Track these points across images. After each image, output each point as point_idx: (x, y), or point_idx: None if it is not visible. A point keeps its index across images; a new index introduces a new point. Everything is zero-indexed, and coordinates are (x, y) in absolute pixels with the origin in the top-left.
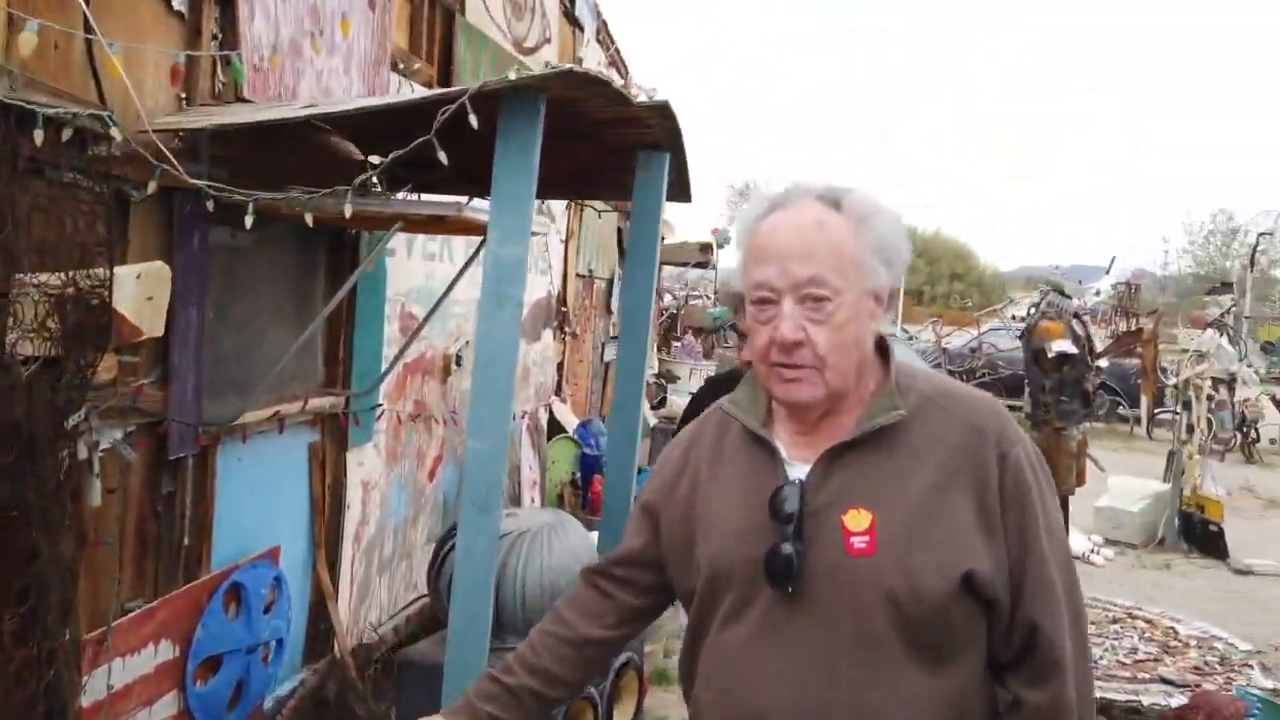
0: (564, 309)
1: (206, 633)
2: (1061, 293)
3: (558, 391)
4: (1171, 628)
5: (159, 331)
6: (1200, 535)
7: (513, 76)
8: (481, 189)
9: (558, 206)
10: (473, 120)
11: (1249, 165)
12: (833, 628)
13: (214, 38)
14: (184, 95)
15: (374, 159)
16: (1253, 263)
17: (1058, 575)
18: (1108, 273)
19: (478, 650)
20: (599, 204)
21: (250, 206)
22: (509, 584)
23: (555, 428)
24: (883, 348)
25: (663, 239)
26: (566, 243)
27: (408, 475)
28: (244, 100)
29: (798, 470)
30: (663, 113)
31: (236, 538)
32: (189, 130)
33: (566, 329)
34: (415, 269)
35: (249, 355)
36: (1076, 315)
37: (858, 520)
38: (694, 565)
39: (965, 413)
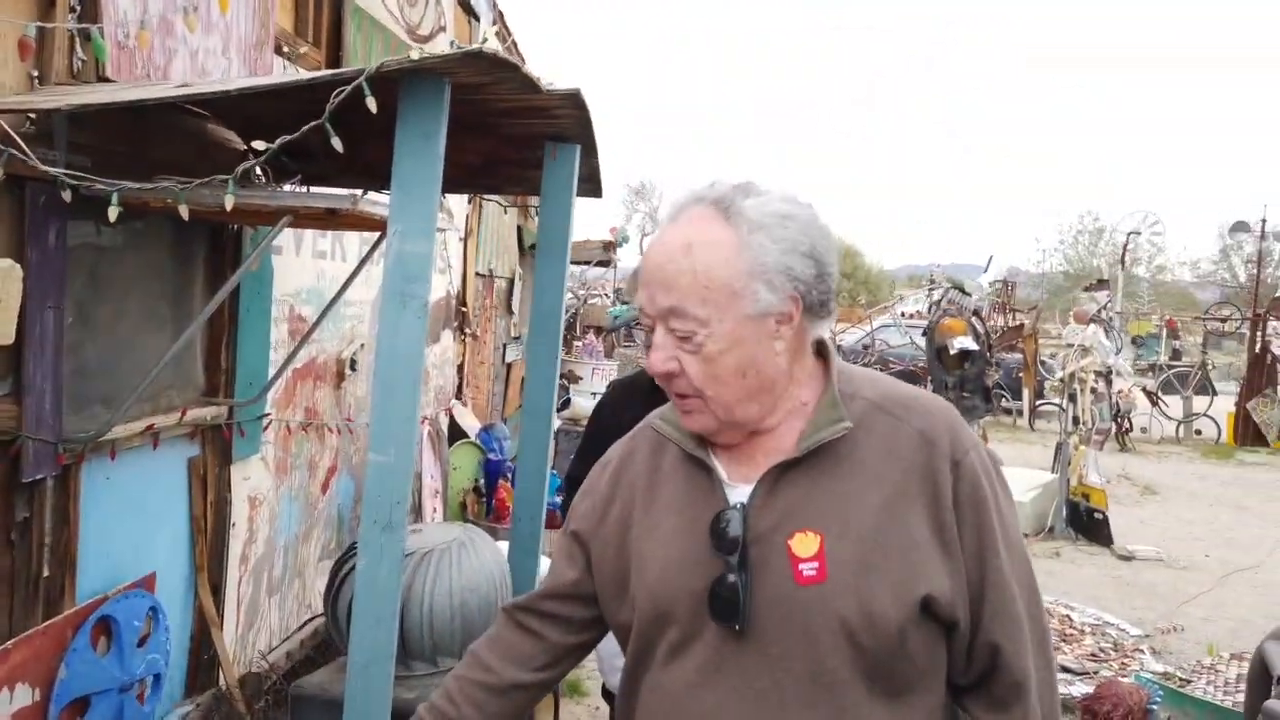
0: (464, 309)
1: (72, 673)
2: (962, 290)
3: (458, 395)
4: (1067, 615)
5: (8, 338)
6: (1086, 523)
7: (415, 56)
8: (377, 182)
9: (457, 204)
10: (371, 104)
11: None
12: (784, 666)
13: (71, 10)
14: (36, 74)
15: (258, 145)
16: (1124, 261)
17: (1019, 593)
18: (985, 271)
19: (381, 681)
20: (502, 199)
21: (114, 198)
22: (415, 607)
23: (457, 433)
24: (823, 353)
25: None
26: (466, 241)
27: (299, 488)
28: (107, 80)
29: (739, 492)
30: (573, 102)
31: (105, 566)
32: (41, 112)
33: (467, 330)
34: (305, 268)
35: (117, 364)
36: (976, 313)
37: (805, 545)
38: (630, 599)
39: (915, 420)
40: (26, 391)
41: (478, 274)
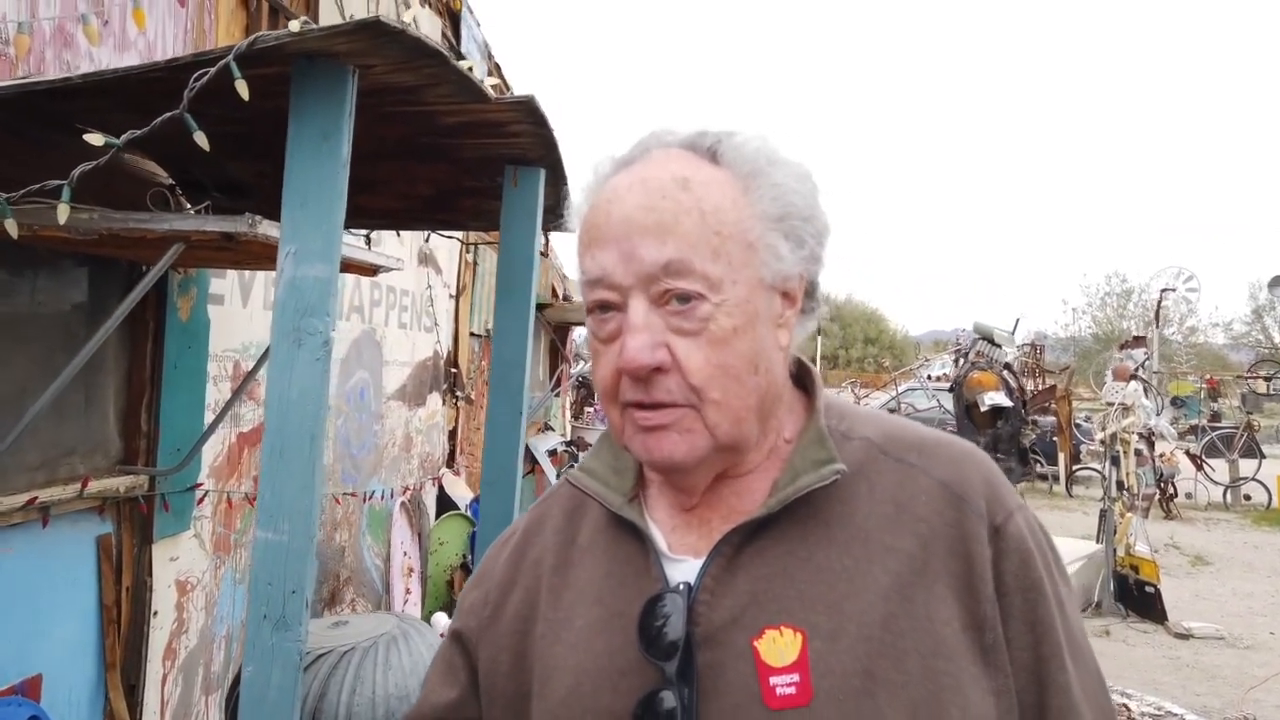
0: (454, 370)
1: None
2: (991, 341)
3: (449, 463)
4: (1123, 704)
5: None
6: (1137, 598)
7: (296, 27)
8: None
9: (446, 258)
10: (241, 88)
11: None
12: None
13: None
14: None
15: (159, 171)
16: (1157, 318)
17: (1089, 714)
18: (1012, 334)
19: None
20: (459, 234)
21: None
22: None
23: (447, 504)
24: (804, 379)
25: (563, 295)
26: (458, 298)
27: (246, 570)
28: None
29: (684, 569)
30: (528, 113)
31: None
32: None
33: (459, 393)
34: (254, 320)
35: None
36: (1007, 366)
37: (780, 648)
38: None
39: (936, 468)
40: None
41: (473, 334)
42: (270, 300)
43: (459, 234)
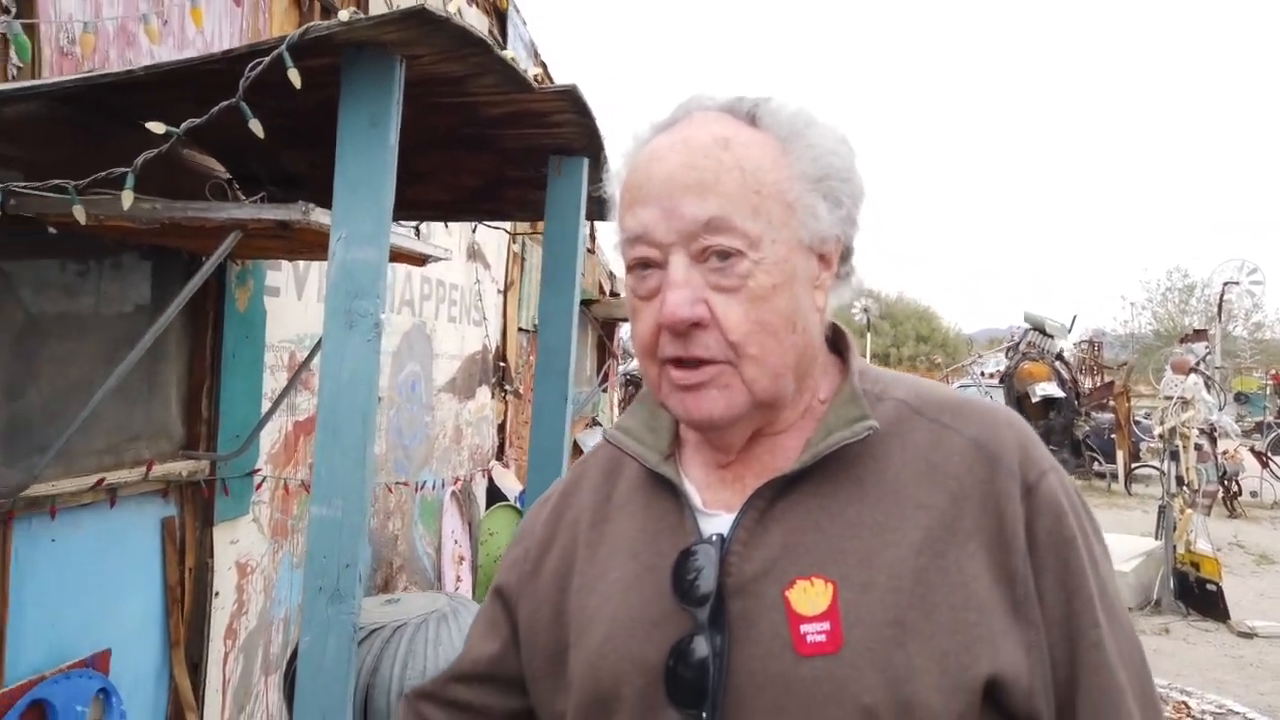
0: (503, 364)
1: None
2: (1043, 331)
3: (499, 456)
4: (1183, 703)
5: None
6: (1198, 596)
7: (346, 17)
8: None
9: (494, 254)
10: (293, 77)
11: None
12: None
13: (4, 10)
14: None
15: (216, 166)
16: (1220, 312)
17: (1127, 679)
18: (1069, 331)
19: None
20: (506, 226)
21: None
22: (381, 695)
23: (496, 495)
24: (838, 343)
25: (610, 292)
26: (506, 293)
27: (302, 554)
28: None
29: (718, 523)
30: (571, 103)
31: (46, 641)
32: None
33: (508, 387)
34: (309, 313)
35: (64, 411)
36: (1060, 356)
37: (811, 597)
38: (566, 680)
39: (968, 428)
40: None
41: (520, 329)
42: (324, 293)
43: (506, 226)
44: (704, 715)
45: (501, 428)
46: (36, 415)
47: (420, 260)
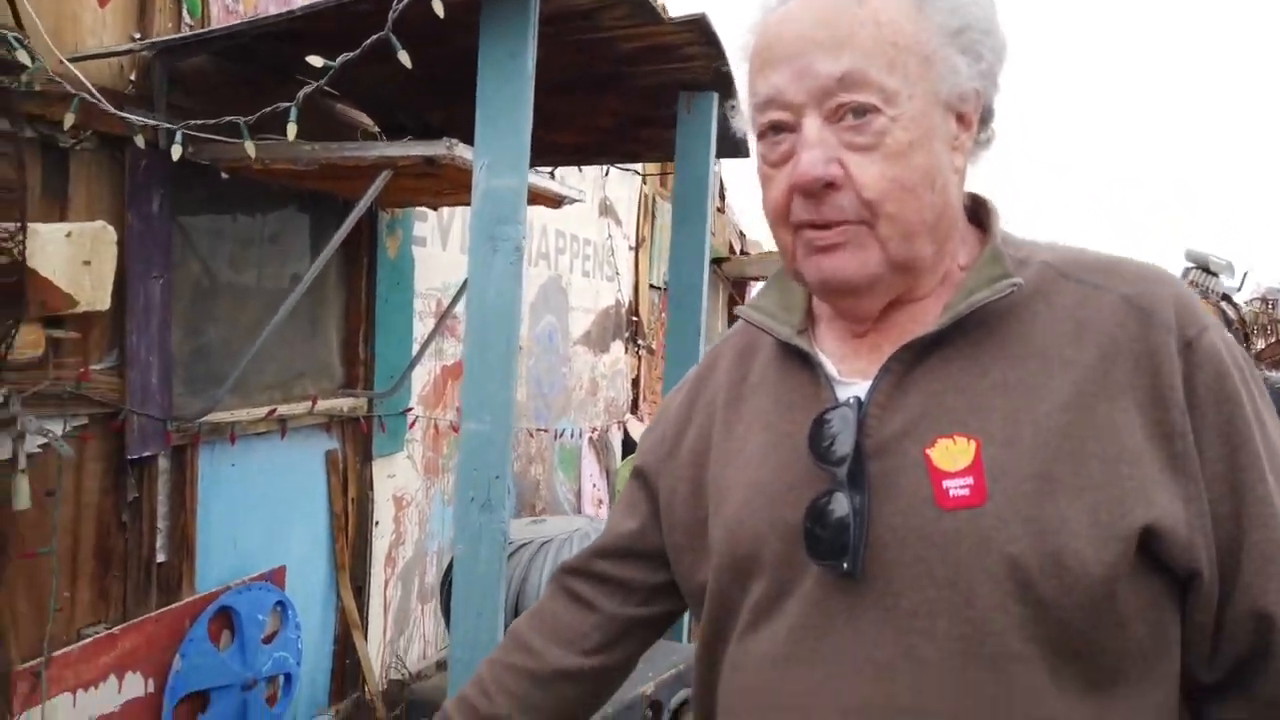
0: (635, 319)
1: (188, 664)
2: (1207, 269)
3: (634, 410)
4: None
5: (102, 304)
6: None
7: None
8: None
9: (625, 210)
10: (437, 7)
11: None
12: (919, 627)
13: None
14: (139, 35)
15: (365, 119)
16: None
17: None
18: (1239, 290)
19: None
20: (637, 168)
21: (177, 136)
22: (530, 601)
23: (631, 448)
24: (979, 212)
25: (740, 250)
26: (637, 250)
27: (453, 491)
28: None
29: (853, 390)
30: (700, 33)
31: (228, 556)
32: (140, 72)
33: (640, 342)
34: (453, 263)
35: (239, 346)
36: (1226, 297)
37: (953, 454)
38: (707, 550)
39: (1120, 285)
40: (130, 365)
41: (652, 286)
42: (466, 245)
43: (637, 169)
44: (845, 565)
45: (635, 383)
46: (215, 351)
47: (556, 202)
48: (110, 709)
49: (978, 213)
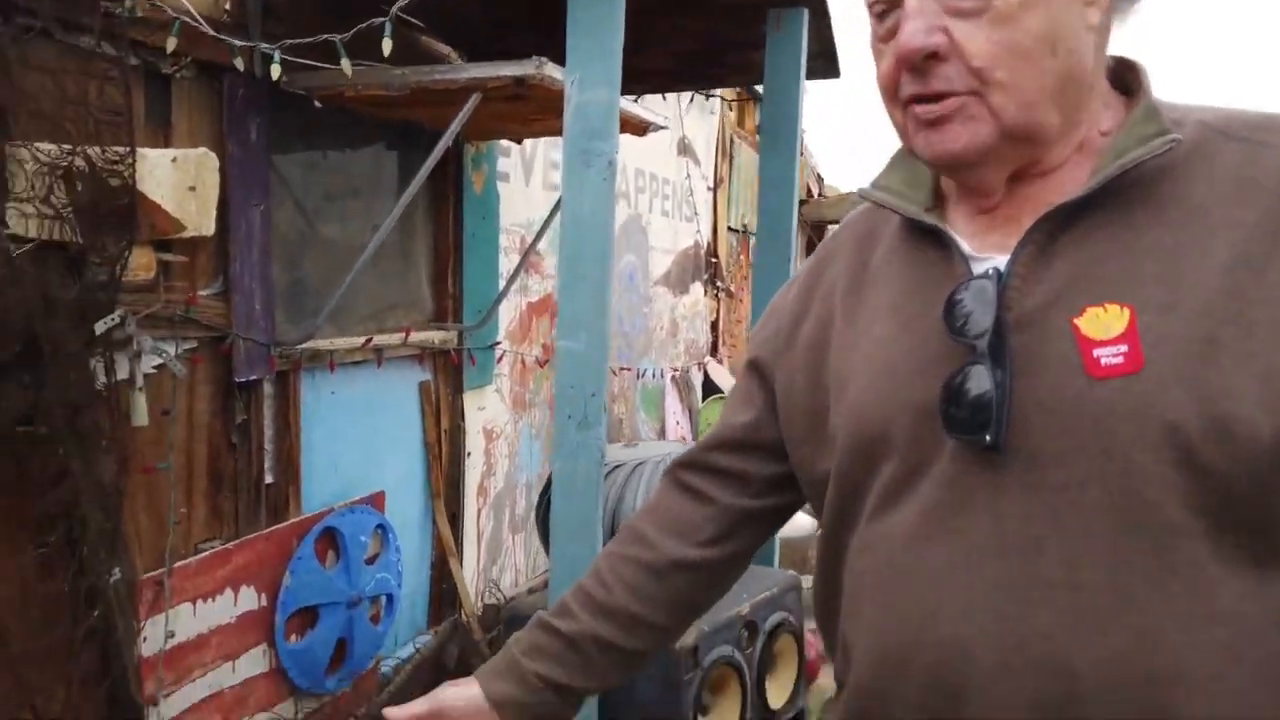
0: (714, 260)
1: (297, 581)
2: None
3: (713, 352)
4: None
5: (208, 229)
6: None
7: None
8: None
9: (704, 149)
10: None
11: None
12: (1069, 499)
13: None
14: None
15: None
16: None
17: None
18: None
19: None
20: (722, 91)
21: (275, 56)
22: (625, 520)
23: (711, 390)
24: (1125, 76)
25: (817, 194)
26: (715, 191)
27: (540, 427)
28: None
29: (990, 265)
30: None
31: (331, 479)
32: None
33: (720, 284)
34: (535, 199)
35: (335, 275)
36: None
37: (1104, 323)
38: (828, 439)
39: None
40: (234, 290)
41: (730, 229)
42: (549, 183)
43: (721, 93)
44: (988, 437)
45: (714, 325)
46: (311, 281)
47: (642, 128)
48: (227, 620)
49: (1124, 76)
